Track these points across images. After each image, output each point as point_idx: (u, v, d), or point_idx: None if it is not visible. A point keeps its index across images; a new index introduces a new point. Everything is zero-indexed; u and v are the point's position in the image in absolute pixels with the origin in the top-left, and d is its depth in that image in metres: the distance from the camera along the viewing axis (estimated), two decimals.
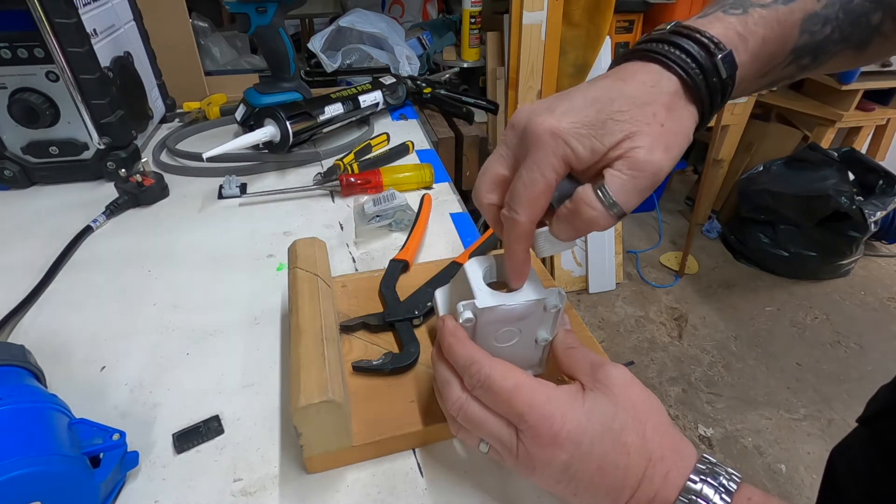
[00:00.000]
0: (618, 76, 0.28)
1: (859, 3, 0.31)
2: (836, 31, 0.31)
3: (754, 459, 1.36)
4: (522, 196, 0.27)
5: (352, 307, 0.46)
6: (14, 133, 0.66)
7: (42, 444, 0.29)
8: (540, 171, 0.27)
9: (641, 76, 0.28)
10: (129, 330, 0.48)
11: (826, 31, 0.31)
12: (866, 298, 1.91)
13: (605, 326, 1.81)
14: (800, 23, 0.30)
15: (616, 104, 0.27)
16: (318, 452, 0.34)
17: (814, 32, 0.31)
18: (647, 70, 0.28)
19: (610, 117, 0.26)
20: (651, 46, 0.29)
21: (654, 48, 0.28)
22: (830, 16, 0.31)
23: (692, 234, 1.96)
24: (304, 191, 0.69)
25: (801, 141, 2.07)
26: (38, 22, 0.57)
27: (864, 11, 0.31)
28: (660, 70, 0.28)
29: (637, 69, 0.28)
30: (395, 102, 0.91)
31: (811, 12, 0.30)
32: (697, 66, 0.28)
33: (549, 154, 0.27)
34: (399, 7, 1.68)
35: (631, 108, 0.27)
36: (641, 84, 0.27)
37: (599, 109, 0.27)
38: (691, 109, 0.28)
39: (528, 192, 0.27)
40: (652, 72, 0.28)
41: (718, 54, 0.28)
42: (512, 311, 0.31)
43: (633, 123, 0.26)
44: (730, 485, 0.26)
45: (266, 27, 0.76)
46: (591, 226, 0.27)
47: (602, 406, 0.28)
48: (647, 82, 0.28)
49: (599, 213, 0.27)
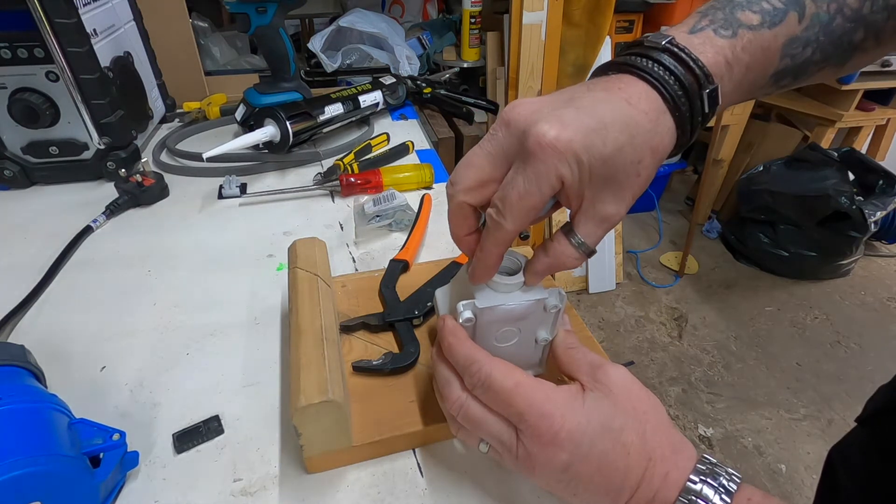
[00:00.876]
0: (625, 96, 0.27)
1: (840, 23, 0.31)
2: (816, 52, 0.31)
3: (754, 459, 1.36)
4: (515, 206, 0.27)
5: (352, 307, 0.46)
6: (14, 133, 0.66)
7: (42, 444, 0.29)
8: (538, 185, 0.26)
9: (645, 105, 0.27)
10: (129, 330, 0.48)
11: (807, 53, 0.31)
12: (866, 298, 1.91)
13: (605, 326, 1.81)
14: (781, 48, 0.30)
15: (620, 139, 0.26)
16: (318, 452, 0.34)
17: (794, 56, 0.31)
18: (650, 99, 0.27)
19: (610, 154, 0.26)
20: (649, 67, 0.27)
21: (653, 71, 0.27)
22: (811, 38, 0.30)
23: (692, 234, 1.96)
24: (304, 191, 0.69)
25: (801, 141, 2.07)
26: (38, 22, 0.57)
27: (845, 31, 0.31)
28: (661, 105, 0.27)
29: (641, 94, 0.27)
30: (395, 102, 0.91)
31: (792, 36, 0.30)
32: (688, 103, 0.27)
33: (551, 170, 0.26)
34: (399, 7, 1.67)
35: (625, 149, 0.26)
36: (645, 116, 0.27)
37: (602, 137, 0.26)
38: (668, 149, 0.28)
39: (522, 204, 0.27)
40: (653, 102, 0.27)
41: (707, 88, 0.28)
42: (512, 311, 0.31)
43: (621, 171, 0.26)
44: (730, 485, 0.26)
45: (266, 27, 0.76)
46: (566, 268, 0.29)
47: (602, 406, 0.28)
48: (650, 115, 0.27)
49: (577, 258, 0.29)
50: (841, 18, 0.31)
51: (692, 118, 0.28)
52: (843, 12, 0.31)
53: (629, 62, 0.28)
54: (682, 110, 0.27)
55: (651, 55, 0.28)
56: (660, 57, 0.28)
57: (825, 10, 0.30)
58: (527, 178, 0.26)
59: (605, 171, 0.26)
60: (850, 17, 0.31)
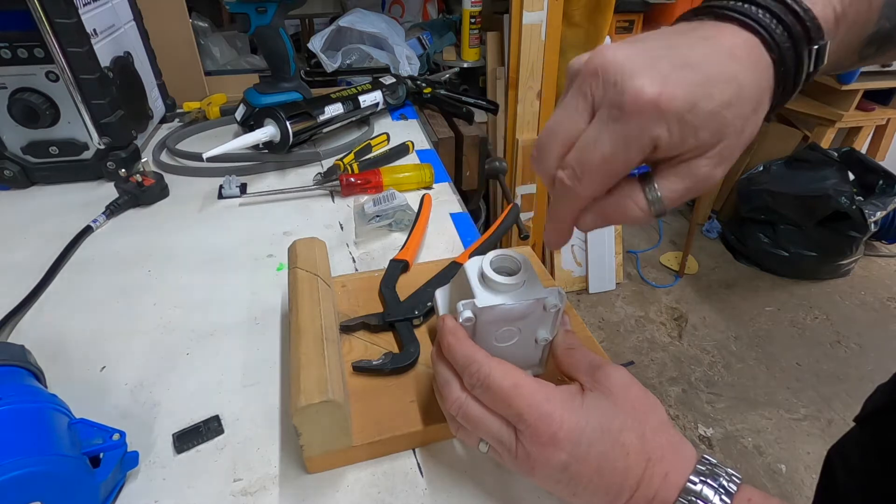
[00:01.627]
0: (728, 45, 0.24)
1: None
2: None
3: (754, 459, 1.36)
4: (596, 170, 0.24)
5: (352, 307, 0.46)
6: (14, 133, 0.66)
7: (42, 444, 0.29)
8: (627, 148, 0.23)
9: (748, 56, 0.24)
10: (129, 330, 0.48)
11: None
12: (866, 298, 1.91)
13: (605, 326, 1.81)
14: (881, 7, 0.27)
15: (726, 93, 0.23)
16: (318, 452, 0.34)
17: (890, 18, 0.28)
18: (753, 50, 0.24)
19: (715, 110, 0.23)
20: (753, 13, 0.24)
21: (759, 18, 0.24)
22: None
23: (692, 234, 1.96)
24: (304, 191, 0.69)
25: (801, 141, 2.07)
26: (38, 22, 0.57)
27: None
28: (765, 57, 0.24)
29: (743, 44, 0.24)
30: (395, 102, 0.91)
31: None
32: (795, 57, 0.24)
33: (645, 132, 0.22)
34: (399, 7, 1.67)
35: (733, 105, 0.23)
36: (749, 69, 0.24)
37: (707, 92, 0.22)
38: (766, 109, 0.25)
39: (606, 167, 0.23)
40: (756, 53, 0.24)
41: (816, 43, 0.24)
42: (512, 311, 0.31)
43: (727, 128, 0.23)
44: (730, 486, 0.26)
45: (266, 27, 0.76)
46: (629, 221, 0.25)
47: (601, 406, 0.28)
48: (755, 68, 0.24)
49: (644, 212, 0.25)
50: None
51: (795, 76, 0.25)
52: None
53: (730, 6, 0.25)
54: (787, 64, 0.24)
55: (756, 0, 0.25)
56: (766, 3, 0.24)
57: None
58: (615, 140, 0.23)
59: (707, 129, 0.23)
60: None
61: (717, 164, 0.24)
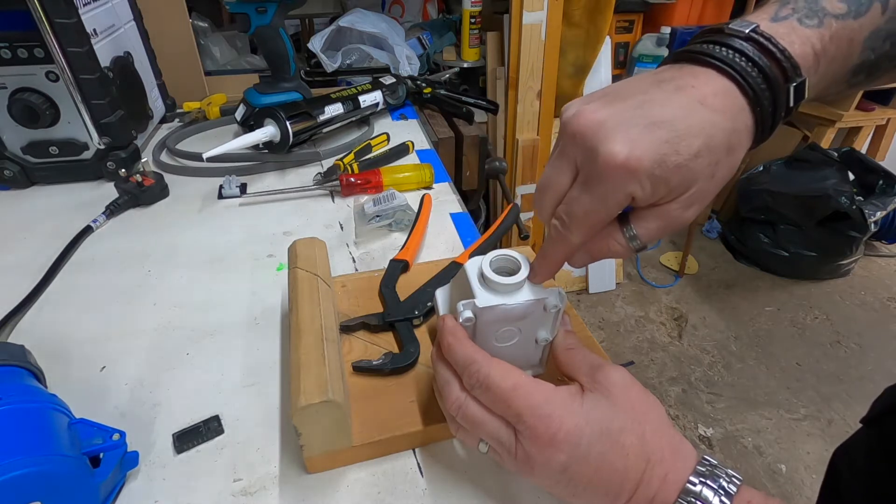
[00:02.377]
0: (699, 96, 0.25)
1: None
2: (894, 46, 0.29)
3: (754, 459, 1.36)
4: (582, 222, 0.27)
5: (352, 307, 0.46)
6: (14, 133, 0.66)
7: (42, 444, 0.29)
8: (605, 204, 0.26)
9: (722, 103, 0.25)
10: (129, 330, 0.48)
11: (886, 47, 0.29)
12: (866, 298, 1.91)
13: (605, 326, 1.81)
14: (864, 40, 0.28)
15: (694, 146, 0.24)
16: (318, 452, 0.34)
17: (875, 49, 0.29)
18: (728, 96, 0.25)
19: (683, 163, 0.25)
20: (730, 59, 0.26)
21: (734, 63, 0.25)
22: (892, 30, 0.29)
23: (692, 234, 1.96)
24: (304, 191, 0.69)
25: (801, 141, 2.07)
26: (38, 22, 0.57)
27: None
28: (740, 101, 0.26)
29: (717, 91, 0.25)
30: (395, 102, 0.91)
31: (876, 28, 0.28)
32: (771, 97, 0.26)
33: (619, 190, 0.25)
34: (399, 7, 1.67)
35: (701, 155, 0.25)
36: (722, 116, 0.25)
37: (674, 148, 0.24)
38: (746, 147, 0.26)
39: (589, 220, 0.27)
40: (731, 98, 0.25)
41: (794, 81, 0.26)
42: (512, 311, 0.31)
43: (696, 176, 0.25)
44: (730, 487, 0.26)
45: (266, 27, 0.76)
46: (613, 256, 0.28)
47: (601, 407, 0.28)
48: (727, 114, 0.25)
49: (625, 249, 0.28)
50: None
51: (774, 114, 0.26)
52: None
53: (707, 52, 0.26)
54: (763, 105, 0.26)
55: (732, 44, 0.26)
56: (742, 46, 0.26)
57: None
58: (594, 198, 0.26)
59: (676, 179, 0.25)
60: None
61: (688, 206, 0.26)
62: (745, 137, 0.26)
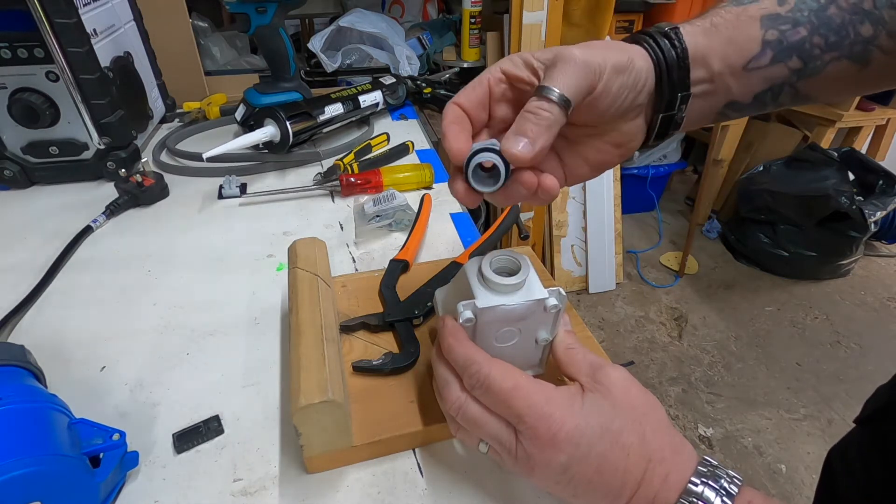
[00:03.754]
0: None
1: (835, 12, 0.31)
2: (814, 34, 0.31)
3: (754, 459, 1.36)
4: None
5: (352, 307, 0.46)
6: (14, 133, 0.66)
7: (42, 444, 0.29)
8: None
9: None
10: (129, 330, 0.48)
11: (801, 32, 0.31)
12: (866, 298, 1.91)
13: (605, 326, 1.81)
14: (760, 18, 0.32)
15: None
16: (318, 452, 0.34)
17: (783, 31, 0.31)
18: None
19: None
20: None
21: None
22: (800, 19, 0.31)
23: (692, 234, 1.96)
24: (304, 191, 0.69)
25: (801, 141, 2.07)
26: (38, 22, 0.57)
27: (846, 21, 0.31)
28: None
29: None
30: (395, 102, 0.91)
31: (771, 13, 0.32)
32: (653, 40, 0.31)
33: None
34: (399, 7, 1.67)
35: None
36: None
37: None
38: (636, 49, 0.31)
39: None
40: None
41: (668, 28, 0.32)
42: (512, 311, 0.31)
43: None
44: (731, 488, 0.26)
45: (266, 27, 0.76)
46: (544, 123, 0.28)
47: (601, 407, 0.28)
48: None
49: (553, 107, 0.28)
50: (835, 8, 0.31)
51: (657, 42, 0.31)
52: (836, 2, 0.31)
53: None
54: (645, 42, 0.31)
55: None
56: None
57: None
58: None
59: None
60: (847, 8, 0.31)
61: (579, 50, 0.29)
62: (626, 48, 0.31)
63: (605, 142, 0.33)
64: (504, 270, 0.33)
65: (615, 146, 0.33)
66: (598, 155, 0.34)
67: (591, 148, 0.34)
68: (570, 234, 1.86)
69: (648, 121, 0.33)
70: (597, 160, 0.34)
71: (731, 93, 0.33)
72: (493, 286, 0.31)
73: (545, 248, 1.87)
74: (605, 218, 1.85)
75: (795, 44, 0.32)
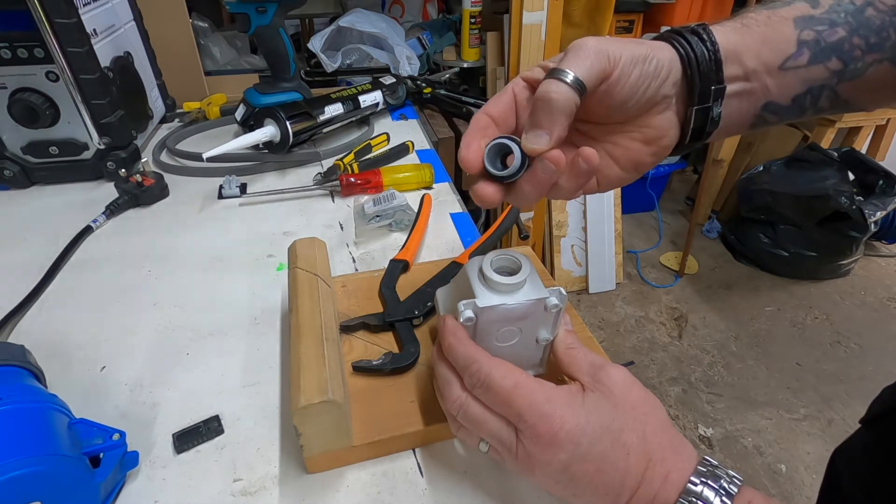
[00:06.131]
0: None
1: (873, 13, 0.31)
2: (854, 35, 0.31)
3: (754, 459, 1.36)
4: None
5: (352, 307, 0.46)
6: (14, 133, 0.66)
7: (42, 444, 0.29)
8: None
9: None
10: (129, 330, 0.48)
11: (839, 31, 0.31)
12: (866, 298, 1.91)
13: (605, 326, 1.80)
14: (793, 20, 0.31)
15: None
16: (318, 452, 0.34)
17: (819, 32, 0.31)
18: None
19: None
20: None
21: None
22: (837, 20, 0.31)
23: (692, 234, 1.96)
24: (304, 191, 0.69)
25: (801, 141, 2.07)
26: (38, 22, 0.57)
27: (886, 24, 0.31)
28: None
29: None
30: (395, 102, 0.91)
31: (805, 15, 0.31)
32: (683, 38, 0.31)
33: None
34: (399, 7, 1.67)
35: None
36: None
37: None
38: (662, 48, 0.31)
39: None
40: None
41: (696, 25, 0.31)
42: (512, 311, 0.31)
43: None
44: (731, 487, 0.26)
45: (266, 27, 0.76)
46: (556, 104, 0.27)
47: (602, 407, 0.28)
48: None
49: (562, 86, 0.27)
50: (873, 10, 0.31)
51: (686, 41, 0.31)
52: (874, 4, 0.31)
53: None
54: (676, 41, 0.31)
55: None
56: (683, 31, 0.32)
57: (848, 0, 0.31)
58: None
59: None
60: (886, 10, 0.31)
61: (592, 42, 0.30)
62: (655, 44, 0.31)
63: (632, 138, 0.32)
64: (504, 270, 0.33)
65: (645, 143, 0.32)
66: (627, 153, 0.32)
67: (619, 146, 0.32)
68: (570, 234, 1.86)
69: (681, 117, 0.32)
70: (627, 159, 0.33)
71: (768, 93, 0.32)
72: (493, 286, 0.31)
73: (545, 248, 1.87)
74: (605, 218, 1.85)
75: (834, 44, 0.31)
